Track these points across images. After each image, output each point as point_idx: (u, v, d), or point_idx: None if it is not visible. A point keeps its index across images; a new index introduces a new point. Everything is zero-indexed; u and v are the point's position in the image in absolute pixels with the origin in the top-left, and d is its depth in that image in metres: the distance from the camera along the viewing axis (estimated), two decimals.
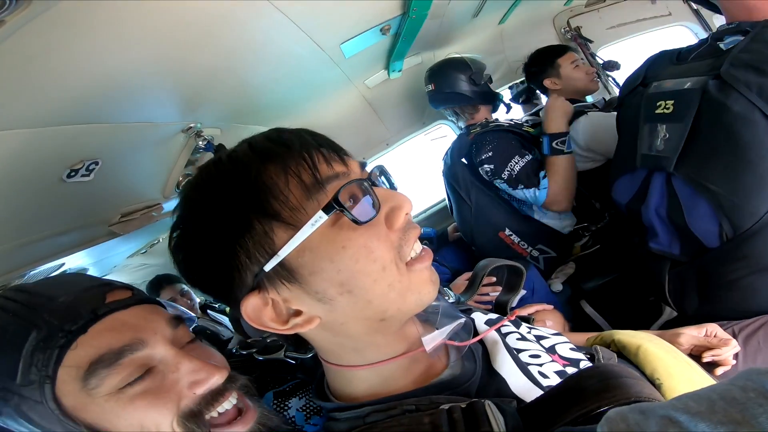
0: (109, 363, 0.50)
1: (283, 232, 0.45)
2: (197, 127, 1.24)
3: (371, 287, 0.47)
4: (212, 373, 0.55)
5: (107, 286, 0.58)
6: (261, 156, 0.47)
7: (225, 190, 0.47)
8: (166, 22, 0.75)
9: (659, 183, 1.05)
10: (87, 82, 0.75)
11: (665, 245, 1.10)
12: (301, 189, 0.46)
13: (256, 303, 0.48)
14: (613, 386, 0.44)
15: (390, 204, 0.50)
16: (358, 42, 1.34)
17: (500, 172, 1.63)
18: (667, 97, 1.00)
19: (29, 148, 0.79)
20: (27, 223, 0.92)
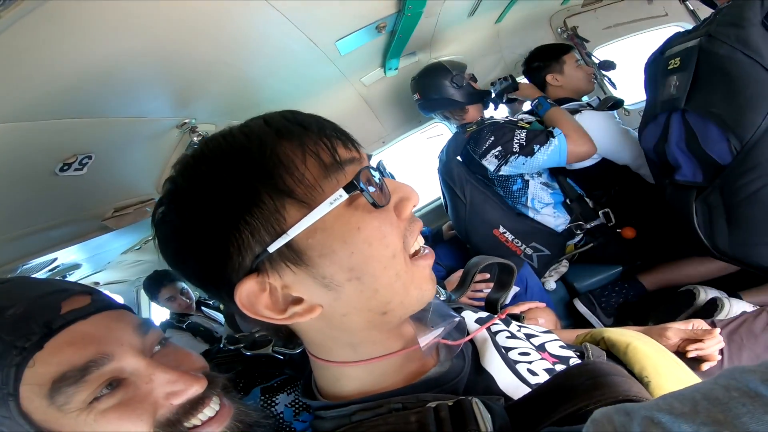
0: (74, 380, 0.46)
1: (296, 211, 0.43)
2: (192, 123, 1.25)
3: (380, 274, 0.45)
4: (190, 384, 0.52)
5: (62, 293, 0.52)
6: (277, 131, 0.45)
7: (235, 161, 0.44)
8: (160, 16, 0.75)
9: (677, 120, 1.26)
10: (80, 76, 0.75)
11: (689, 175, 1.28)
12: (320, 167, 0.44)
13: (253, 288, 0.44)
14: (601, 384, 0.44)
15: (399, 194, 0.49)
16: (353, 39, 1.34)
17: (510, 148, 1.62)
18: (676, 56, 1.26)
19: (22, 142, 0.79)
20: (19, 217, 0.92)
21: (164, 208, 0.47)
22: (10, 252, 0.98)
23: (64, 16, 0.59)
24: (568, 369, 0.48)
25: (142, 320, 0.56)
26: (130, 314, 0.56)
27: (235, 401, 0.59)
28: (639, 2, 2.42)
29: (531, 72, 1.95)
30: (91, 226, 1.19)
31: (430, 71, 1.85)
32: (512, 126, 1.68)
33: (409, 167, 3.26)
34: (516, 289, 1.50)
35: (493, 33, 2.22)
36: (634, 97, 2.53)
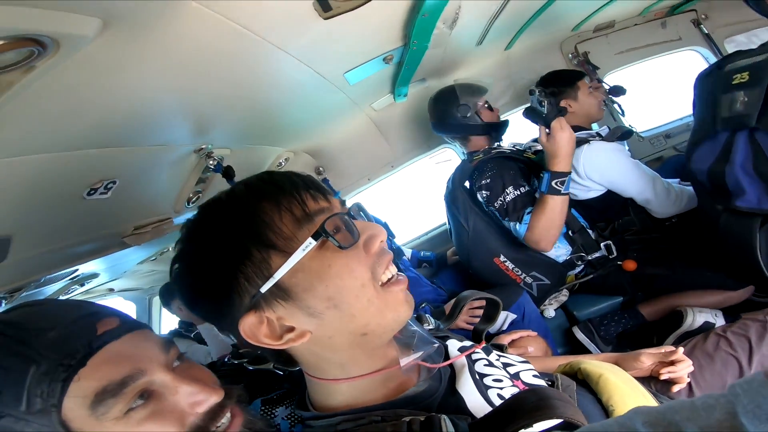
0: (114, 393, 0.53)
1: (279, 258, 0.54)
2: (208, 148, 1.33)
3: (354, 302, 0.56)
4: (210, 394, 0.59)
5: (95, 316, 0.59)
6: (256, 194, 0.57)
7: (226, 224, 0.56)
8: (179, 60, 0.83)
9: (743, 140, 1.14)
10: (107, 112, 0.84)
11: (754, 201, 1.14)
12: (293, 221, 0.55)
13: (253, 321, 0.56)
14: (542, 406, 0.50)
15: (367, 233, 0.59)
16: (361, 71, 1.41)
17: (493, 201, 1.67)
18: (743, 70, 1.15)
19: (55, 170, 0.88)
20: (49, 235, 1.01)
21: (178, 265, 0.59)
22: (38, 266, 1.07)
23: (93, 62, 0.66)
24: (520, 393, 0.55)
25: (164, 339, 0.64)
26: (154, 334, 0.65)
27: (245, 410, 0.67)
28: (652, 26, 2.43)
29: None
30: (112, 242, 1.28)
31: (440, 95, 1.92)
32: (515, 167, 1.70)
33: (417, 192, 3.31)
34: (513, 317, 1.52)
35: (503, 59, 2.27)
36: (648, 124, 2.53)
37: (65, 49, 0.54)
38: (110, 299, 2.27)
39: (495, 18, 1.52)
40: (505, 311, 1.57)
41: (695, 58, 2.47)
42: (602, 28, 2.38)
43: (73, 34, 0.52)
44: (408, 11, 1.08)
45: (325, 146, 2.14)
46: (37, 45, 0.50)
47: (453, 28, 1.39)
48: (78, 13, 0.50)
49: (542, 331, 1.51)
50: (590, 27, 2.33)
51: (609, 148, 1.69)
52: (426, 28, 1.20)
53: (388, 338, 0.63)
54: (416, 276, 1.93)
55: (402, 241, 2.47)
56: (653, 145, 2.43)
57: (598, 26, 2.35)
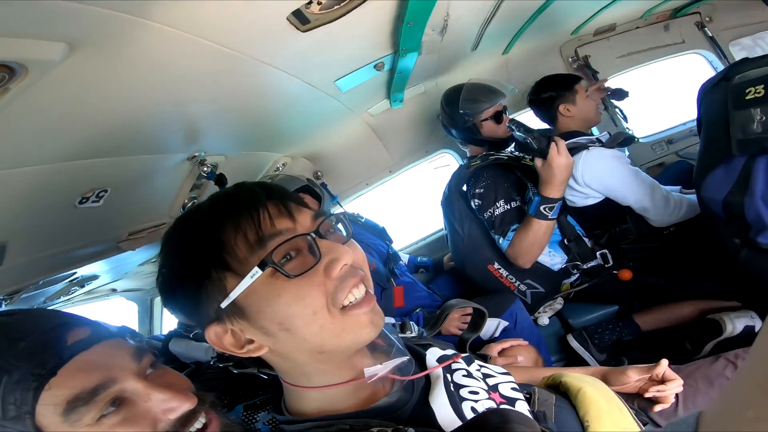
0: (86, 401, 0.54)
1: (233, 280, 0.55)
2: (201, 156, 1.36)
3: (304, 328, 0.56)
4: (183, 401, 0.61)
5: (65, 327, 0.60)
6: (218, 213, 0.59)
7: (190, 243, 0.59)
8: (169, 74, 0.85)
9: (763, 167, 1.01)
10: (98, 125, 0.86)
11: None
12: (246, 245, 0.56)
13: (218, 331, 0.59)
14: (504, 430, 0.49)
15: (330, 256, 0.57)
16: (353, 78, 1.42)
17: (483, 211, 1.68)
18: (757, 83, 1.01)
19: (46, 180, 0.90)
20: (42, 242, 1.05)
21: (160, 272, 0.63)
22: (35, 270, 1.11)
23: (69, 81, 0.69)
24: (485, 412, 0.56)
25: (136, 348, 0.65)
26: (126, 342, 0.66)
27: (222, 415, 0.68)
28: (654, 30, 2.39)
29: (541, 102, 1.89)
30: (108, 247, 1.32)
31: (446, 95, 1.90)
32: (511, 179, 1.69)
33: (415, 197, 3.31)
34: (505, 324, 1.51)
35: (501, 63, 2.26)
36: (650, 129, 2.49)
37: (34, 72, 0.57)
38: (113, 299, 2.32)
39: (487, 23, 1.52)
40: (497, 318, 1.56)
41: (699, 61, 2.43)
42: (603, 31, 2.35)
43: (39, 59, 0.55)
44: (393, 20, 1.09)
45: (323, 151, 2.16)
46: (6, 70, 0.52)
47: (444, 35, 1.39)
48: (42, 39, 0.52)
49: (534, 340, 1.50)
50: (590, 30, 2.31)
51: (608, 154, 1.66)
52: (413, 35, 1.21)
53: (349, 354, 0.62)
54: (412, 281, 1.93)
55: (399, 246, 2.47)
56: (655, 151, 2.39)
57: (599, 29, 2.32)
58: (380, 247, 1.94)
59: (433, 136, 2.34)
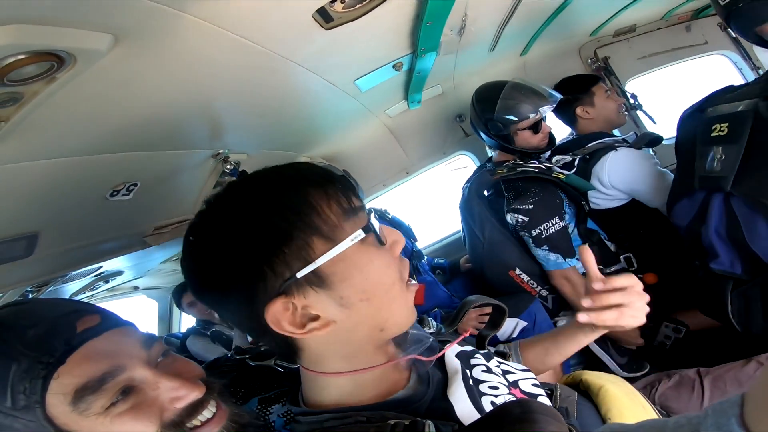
0: (94, 390, 0.54)
1: (322, 244, 0.53)
2: (225, 153, 1.39)
3: (383, 296, 0.57)
4: (191, 390, 0.61)
5: (76, 314, 0.60)
6: (307, 179, 0.56)
7: (268, 201, 0.54)
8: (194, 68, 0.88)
9: (718, 203, 1.09)
10: (129, 120, 0.90)
11: (727, 265, 1.12)
12: (340, 211, 0.56)
13: (279, 308, 0.53)
14: (526, 420, 0.49)
15: (393, 237, 0.62)
16: (372, 78, 1.45)
17: (531, 228, 1.59)
18: (722, 120, 1.07)
19: (79, 172, 0.95)
20: (73, 233, 1.09)
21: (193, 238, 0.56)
22: (63, 262, 1.15)
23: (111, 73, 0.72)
24: (506, 403, 0.54)
25: (147, 335, 0.65)
26: (136, 330, 0.65)
27: (230, 404, 0.68)
28: (676, 30, 2.36)
29: (560, 106, 1.81)
30: (134, 241, 1.36)
31: (479, 96, 1.74)
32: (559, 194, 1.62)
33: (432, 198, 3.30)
34: (524, 324, 1.50)
35: (519, 65, 2.25)
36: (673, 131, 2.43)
37: (82, 62, 0.59)
38: (134, 297, 2.39)
39: (505, 24, 1.53)
40: (515, 318, 1.54)
41: (723, 62, 2.38)
42: (623, 32, 2.32)
43: (87, 48, 0.57)
44: (412, 19, 1.11)
45: (341, 152, 2.18)
46: (55, 59, 0.55)
47: (462, 35, 1.41)
48: (90, 29, 0.55)
49: None
50: (610, 32, 2.29)
51: (636, 155, 1.63)
52: (432, 35, 1.22)
53: (395, 335, 0.64)
54: (433, 280, 1.92)
55: None
56: None
57: (618, 31, 2.30)
58: (406, 244, 1.94)
59: (451, 138, 2.34)
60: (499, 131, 1.66)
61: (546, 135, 1.69)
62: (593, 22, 2.09)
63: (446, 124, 2.30)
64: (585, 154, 1.71)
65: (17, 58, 0.53)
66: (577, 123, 1.88)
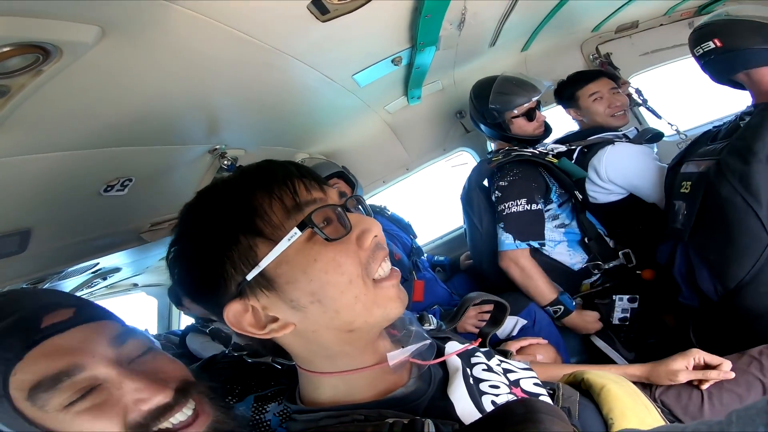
0: (47, 388, 0.53)
1: (265, 247, 0.53)
2: (222, 149, 1.38)
3: (338, 297, 0.54)
4: (155, 392, 0.59)
5: (45, 309, 0.59)
6: (250, 182, 0.57)
7: (218, 210, 0.56)
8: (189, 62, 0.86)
9: (680, 251, 1.32)
10: (124, 114, 0.89)
11: (687, 298, 1.34)
12: (283, 210, 0.54)
13: (238, 309, 0.55)
14: (529, 419, 0.47)
15: (361, 227, 0.58)
16: (370, 72, 1.43)
17: (500, 203, 1.63)
18: (688, 179, 1.28)
19: (72, 167, 0.93)
20: (67, 229, 1.08)
21: (175, 247, 0.59)
22: (58, 258, 1.14)
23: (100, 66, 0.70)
24: (509, 403, 0.52)
25: (122, 331, 0.63)
26: (110, 326, 0.63)
27: (217, 407, 0.66)
28: (679, 27, 2.32)
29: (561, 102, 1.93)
30: (130, 237, 1.35)
31: (475, 88, 1.81)
32: (539, 179, 1.65)
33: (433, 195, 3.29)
34: (524, 322, 1.49)
35: (520, 60, 2.23)
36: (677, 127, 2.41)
37: (68, 54, 0.58)
38: (134, 294, 2.38)
39: (505, 18, 1.51)
40: (515, 316, 1.53)
41: None
42: (625, 28, 2.29)
43: (73, 41, 0.56)
44: (411, 12, 1.09)
45: (340, 149, 2.17)
46: (40, 51, 0.54)
47: (462, 29, 1.39)
48: (76, 21, 0.54)
49: (554, 339, 1.47)
50: (612, 28, 2.26)
51: (635, 150, 1.64)
52: (431, 28, 1.20)
53: (376, 333, 0.61)
54: (433, 277, 1.91)
55: None
56: (681, 149, 2.32)
57: (621, 27, 2.27)
58: (405, 240, 1.94)
59: (451, 134, 2.33)
60: (494, 120, 1.73)
61: (541, 123, 1.75)
62: (595, 17, 2.07)
63: (446, 120, 2.28)
64: (584, 147, 1.72)
65: (1, 51, 0.51)
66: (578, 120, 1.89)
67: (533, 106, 1.71)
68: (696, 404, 0.88)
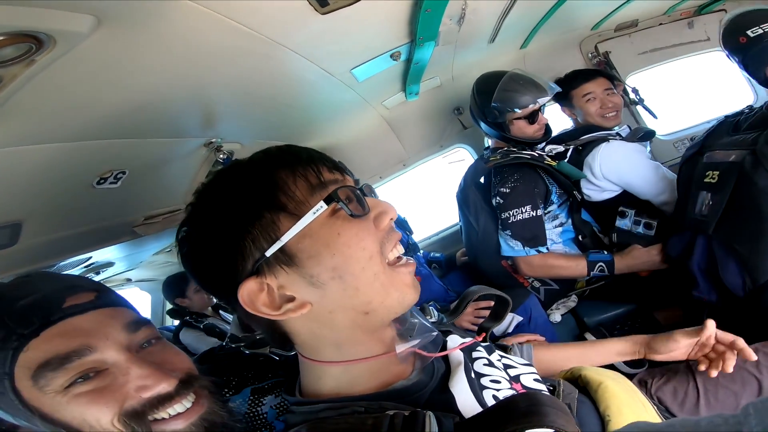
0: (54, 367, 0.53)
1: (288, 221, 0.54)
2: (218, 142, 1.36)
3: (359, 274, 0.55)
4: (159, 380, 0.59)
5: (69, 290, 0.60)
6: (274, 161, 0.58)
7: (241, 185, 0.57)
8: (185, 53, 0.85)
9: (701, 244, 1.26)
10: (114, 105, 0.87)
11: (705, 293, 1.29)
12: (307, 187, 0.56)
13: (253, 288, 0.55)
14: (533, 412, 0.48)
15: (378, 209, 0.59)
16: (369, 67, 1.41)
17: (503, 210, 1.62)
18: (715, 168, 1.21)
19: (64, 159, 0.91)
20: (59, 222, 1.06)
21: (187, 227, 0.59)
22: (49, 251, 1.12)
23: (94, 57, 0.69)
24: (512, 396, 0.53)
25: (136, 319, 0.63)
26: (127, 312, 0.64)
27: (212, 402, 0.66)
28: (678, 26, 2.33)
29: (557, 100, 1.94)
30: (124, 231, 1.33)
31: (481, 82, 1.75)
32: (541, 184, 1.64)
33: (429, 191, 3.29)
34: (519, 319, 1.49)
35: (518, 58, 2.22)
36: (673, 126, 2.43)
37: (62, 44, 0.57)
38: (127, 289, 2.36)
39: (505, 14, 1.49)
40: (511, 313, 1.53)
41: (724, 59, 2.35)
42: (624, 27, 2.29)
43: (67, 30, 0.54)
44: (411, 6, 1.07)
45: (337, 144, 2.15)
46: (33, 41, 0.52)
47: (461, 24, 1.37)
48: (70, 11, 0.52)
49: (549, 336, 1.48)
50: (611, 26, 2.25)
51: (628, 147, 1.65)
52: (431, 23, 1.19)
53: (389, 320, 0.62)
54: (429, 273, 1.91)
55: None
56: (677, 149, 2.33)
57: (620, 25, 2.26)
58: (402, 236, 1.93)
59: (449, 131, 2.32)
60: (495, 119, 1.69)
61: (542, 126, 1.71)
62: (595, 15, 2.06)
63: (444, 116, 2.28)
64: (578, 145, 1.72)
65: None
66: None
67: (537, 109, 1.65)
68: (692, 401, 0.88)
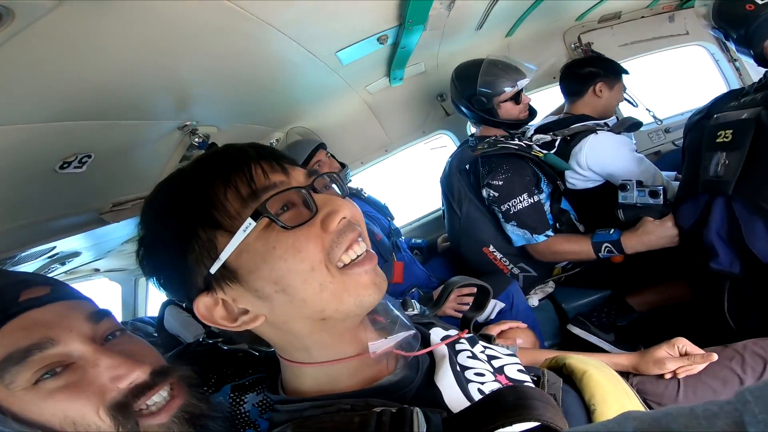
0: (17, 361, 0.51)
1: (224, 239, 0.51)
2: (193, 125, 1.29)
3: (302, 286, 0.51)
4: (132, 369, 0.57)
5: (23, 284, 0.58)
6: (205, 171, 0.54)
7: (175, 205, 0.54)
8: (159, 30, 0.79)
9: (720, 206, 1.14)
10: (78, 85, 0.79)
11: (726, 265, 1.16)
12: (239, 199, 0.52)
13: (208, 302, 0.54)
14: (521, 406, 0.47)
15: (327, 209, 0.54)
16: (354, 50, 1.36)
17: (501, 203, 1.62)
18: (727, 127, 1.13)
19: (24, 142, 0.83)
20: (18, 209, 0.98)
21: (141, 246, 0.57)
22: (10, 241, 1.04)
23: (58, 33, 0.63)
24: (499, 390, 0.52)
25: (97, 310, 0.61)
26: (86, 304, 0.61)
27: (189, 393, 0.63)
28: (659, 20, 2.37)
29: (581, 74, 1.82)
30: (90, 218, 1.25)
31: (460, 73, 1.75)
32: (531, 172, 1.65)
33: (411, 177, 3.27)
34: (502, 305, 1.51)
35: (503, 46, 2.21)
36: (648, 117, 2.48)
37: (21, 18, 0.51)
38: (95, 280, 2.24)
39: (495, 2, 1.47)
40: (493, 300, 1.55)
41: (701, 53, 2.42)
42: (608, 18, 2.32)
43: (28, 3, 0.50)
44: None
45: (318, 128, 2.09)
46: None
47: (451, 9, 1.34)
48: None
49: (530, 322, 1.49)
50: (595, 17, 2.28)
51: (615, 139, 1.67)
52: (421, 7, 1.15)
53: (353, 322, 0.58)
54: (411, 259, 1.91)
55: None
56: (652, 140, 2.40)
57: (604, 17, 2.29)
58: (383, 222, 1.91)
59: (431, 117, 2.30)
60: (483, 105, 1.69)
61: (526, 106, 1.73)
62: (580, 6, 2.07)
63: (427, 102, 2.25)
64: (566, 135, 1.73)
65: None
66: (581, 98, 1.84)
67: (520, 89, 1.70)
68: (671, 394, 0.90)
